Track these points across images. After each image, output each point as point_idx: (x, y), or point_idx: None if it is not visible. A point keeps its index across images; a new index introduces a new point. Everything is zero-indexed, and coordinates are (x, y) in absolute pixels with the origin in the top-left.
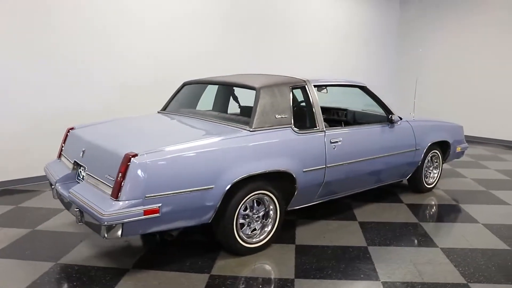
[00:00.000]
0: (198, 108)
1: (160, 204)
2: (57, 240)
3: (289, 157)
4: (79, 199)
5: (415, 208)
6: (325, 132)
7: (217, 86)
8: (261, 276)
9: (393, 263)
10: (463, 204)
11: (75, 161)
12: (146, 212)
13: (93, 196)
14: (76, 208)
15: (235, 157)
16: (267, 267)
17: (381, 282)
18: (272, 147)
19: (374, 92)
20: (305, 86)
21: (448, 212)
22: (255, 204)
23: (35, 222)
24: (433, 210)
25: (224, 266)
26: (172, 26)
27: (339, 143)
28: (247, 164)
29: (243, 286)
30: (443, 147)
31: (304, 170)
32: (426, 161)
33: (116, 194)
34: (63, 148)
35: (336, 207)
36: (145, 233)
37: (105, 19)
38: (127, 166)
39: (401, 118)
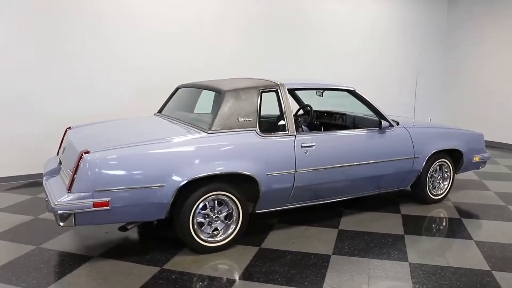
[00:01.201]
0: (197, 110)
1: (109, 198)
2: (49, 227)
3: (250, 160)
4: (47, 190)
5: (409, 220)
6: (295, 136)
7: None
8: (207, 274)
9: (347, 274)
10: (466, 219)
11: (59, 157)
12: (95, 205)
13: (57, 188)
14: (46, 198)
15: (187, 158)
16: (219, 266)
17: None
18: (231, 149)
19: (365, 96)
20: (277, 90)
21: (444, 226)
22: (216, 205)
23: (40, 211)
24: (428, 222)
25: (178, 262)
26: (193, 33)
27: (313, 147)
28: (200, 165)
29: (185, 281)
30: (455, 156)
31: (268, 173)
32: (431, 170)
33: (69, 186)
34: (60, 146)
35: (324, 213)
36: (99, 224)
37: (122, 26)
38: (79, 162)
39: (397, 124)
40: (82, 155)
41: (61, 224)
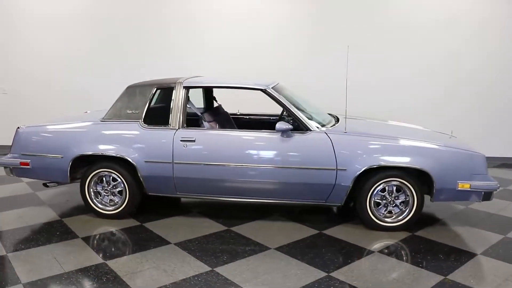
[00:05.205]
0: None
1: (29, 160)
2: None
3: (130, 147)
4: None
5: (316, 239)
6: (176, 130)
7: None
8: (74, 230)
9: (168, 262)
10: (386, 254)
11: None
12: (21, 163)
13: None
14: None
15: (77, 139)
16: (90, 228)
17: (104, 261)
18: (114, 136)
19: (279, 96)
20: (173, 87)
21: (311, 251)
22: (111, 180)
23: None
24: (317, 245)
25: (77, 219)
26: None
27: (192, 143)
28: (86, 146)
29: (55, 229)
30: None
31: (145, 160)
32: (378, 189)
33: (9, 149)
34: None
35: (249, 214)
36: (31, 178)
37: (188, 38)
38: (15, 133)
39: (322, 127)
40: (17, 128)
41: (8, 174)
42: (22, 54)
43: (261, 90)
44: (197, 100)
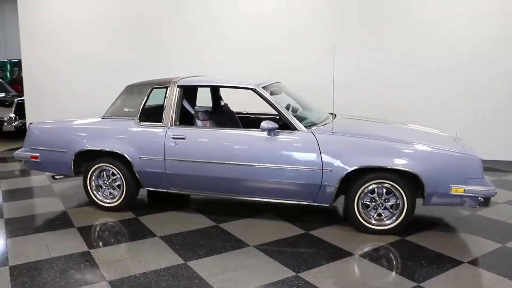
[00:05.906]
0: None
1: (38, 154)
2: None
3: (126, 143)
4: None
5: (299, 239)
6: (167, 128)
7: None
8: (74, 219)
9: (146, 254)
10: (364, 257)
11: None
12: (32, 157)
13: None
14: None
15: (80, 135)
16: (89, 218)
17: (88, 250)
18: (112, 132)
19: (268, 96)
20: (167, 87)
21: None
22: (111, 175)
23: None
24: (293, 242)
25: (82, 210)
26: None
27: (183, 140)
28: (88, 141)
29: (56, 217)
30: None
31: (140, 156)
32: (365, 191)
33: (23, 144)
34: None
35: (239, 212)
36: (39, 170)
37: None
38: (28, 129)
39: (312, 126)
40: (29, 124)
41: (22, 166)
42: (54, 56)
43: (251, 89)
44: (207, 99)
